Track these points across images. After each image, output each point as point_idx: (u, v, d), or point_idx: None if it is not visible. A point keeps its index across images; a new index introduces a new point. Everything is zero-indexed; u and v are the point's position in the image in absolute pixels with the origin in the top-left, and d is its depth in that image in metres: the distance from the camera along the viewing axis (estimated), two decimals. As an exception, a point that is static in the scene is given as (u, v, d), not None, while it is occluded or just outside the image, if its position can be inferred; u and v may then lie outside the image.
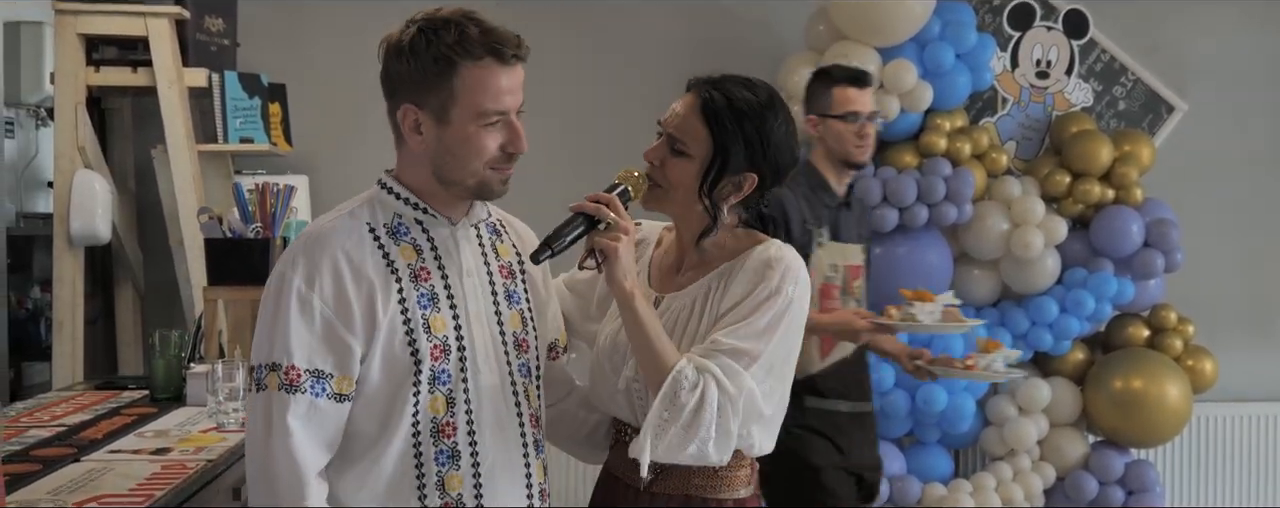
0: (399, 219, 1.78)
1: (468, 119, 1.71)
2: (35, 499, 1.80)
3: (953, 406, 3.96)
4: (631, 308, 1.81)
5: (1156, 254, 4.09)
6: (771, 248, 1.90)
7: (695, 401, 1.76)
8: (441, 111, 1.71)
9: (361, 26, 4.65)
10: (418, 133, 1.74)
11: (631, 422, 1.93)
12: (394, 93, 1.75)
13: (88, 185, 3.72)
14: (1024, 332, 4.07)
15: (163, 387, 2.76)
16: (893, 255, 4.00)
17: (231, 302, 2.80)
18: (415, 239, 1.78)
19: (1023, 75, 4.38)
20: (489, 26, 1.72)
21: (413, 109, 1.73)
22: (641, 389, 1.89)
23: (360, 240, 1.74)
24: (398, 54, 1.72)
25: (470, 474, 1.77)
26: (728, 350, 1.81)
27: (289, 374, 1.68)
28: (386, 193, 1.80)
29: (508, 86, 1.73)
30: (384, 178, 1.82)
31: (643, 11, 4.52)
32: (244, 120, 3.94)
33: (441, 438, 1.75)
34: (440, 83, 1.70)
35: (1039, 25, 4.35)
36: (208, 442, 2.28)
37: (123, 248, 4.17)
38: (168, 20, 3.78)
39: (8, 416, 2.51)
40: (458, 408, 1.76)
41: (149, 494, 1.85)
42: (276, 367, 1.68)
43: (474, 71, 1.69)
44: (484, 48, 1.70)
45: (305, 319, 1.69)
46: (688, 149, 1.88)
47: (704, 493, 1.90)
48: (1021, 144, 4.41)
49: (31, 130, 5.12)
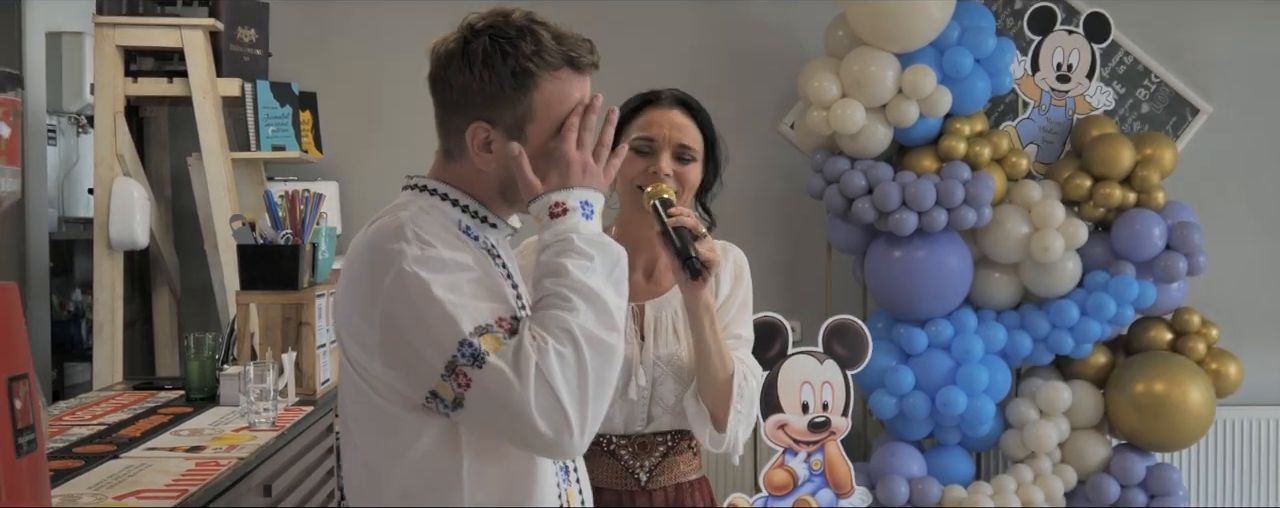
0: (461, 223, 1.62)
1: (545, 136, 1.57)
2: (77, 494, 1.89)
3: (972, 408, 3.99)
4: (712, 315, 1.96)
5: (1179, 257, 4.11)
6: (732, 247, 2.15)
7: (751, 391, 2.00)
8: (516, 128, 1.56)
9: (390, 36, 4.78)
10: (487, 151, 1.57)
11: (619, 431, 2.06)
12: (459, 108, 1.58)
13: (126, 192, 3.83)
14: (1044, 335, 4.10)
15: (197, 387, 2.85)
16: (912, 259, 4.04)
17: (263, 305, 2.88)
18: (485, 244, 1.64)
19: (1043, 79, 4.41)
20: (561, 31, 1.59)
21: (484, 126, 1.56)
22: (649, 396, 2.04)
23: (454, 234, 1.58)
24: (466, 65, 1.55)
25: (577, 489, 1.71)
26: (745, 341, 2.06)
27: (501, 325, 1.47)
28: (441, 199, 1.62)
29: (582, 97, 1.60)
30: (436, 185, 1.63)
31: (661, 19, 4.57)
32: (276, 128, 4.04)
33: None
34: (518, 98, 1.55)
35: (1060, 29, 4.37)
36: (239, 440, 2.36)
37: (160, 253, 4.28)
38: (202, 32, 3.88)
39: (52, 415, 2.61)
40: None
41: (183, 490, 1.93)
42: (485, 328, 1.45)
43: (552, 84, 1.56)
44: (561, 57, 1.56)
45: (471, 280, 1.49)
46: (694, 154, 2.06)
47: (688, 477, 2.13)
48: (1042, 147, 4.43)
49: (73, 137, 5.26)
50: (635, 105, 2.11)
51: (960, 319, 4.11)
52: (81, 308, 5.07)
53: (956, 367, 4.04)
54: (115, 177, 3.85)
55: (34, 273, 4.30)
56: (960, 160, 4.06)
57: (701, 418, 2.01)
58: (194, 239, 4.23)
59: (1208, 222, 4.26)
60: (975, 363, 4.02)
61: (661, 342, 2.06)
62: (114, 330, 3.86)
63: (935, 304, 4.10)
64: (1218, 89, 4.59)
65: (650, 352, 2.05)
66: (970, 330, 4.08)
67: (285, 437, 2.48)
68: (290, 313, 2.92)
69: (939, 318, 4.12)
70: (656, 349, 2.05)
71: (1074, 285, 4.12)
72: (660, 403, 2.05)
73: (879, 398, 4.08)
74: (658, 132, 2.04)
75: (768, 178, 4.58)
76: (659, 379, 2.04)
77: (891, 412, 4.07)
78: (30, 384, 1.40)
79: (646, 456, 2.07)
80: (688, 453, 2.12)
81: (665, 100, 2.10)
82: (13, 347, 1.38)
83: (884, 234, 4.12)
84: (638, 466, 2.07)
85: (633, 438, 2.06)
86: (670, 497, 2.09)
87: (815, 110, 4.06)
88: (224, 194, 3.86)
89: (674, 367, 2.05)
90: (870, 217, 4.02)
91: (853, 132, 4.00)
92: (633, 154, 2.04)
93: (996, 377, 4.05)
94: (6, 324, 1.37)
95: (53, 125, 5.00)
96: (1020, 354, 4.11)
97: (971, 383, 3.98)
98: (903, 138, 4.14)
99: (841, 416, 3.87)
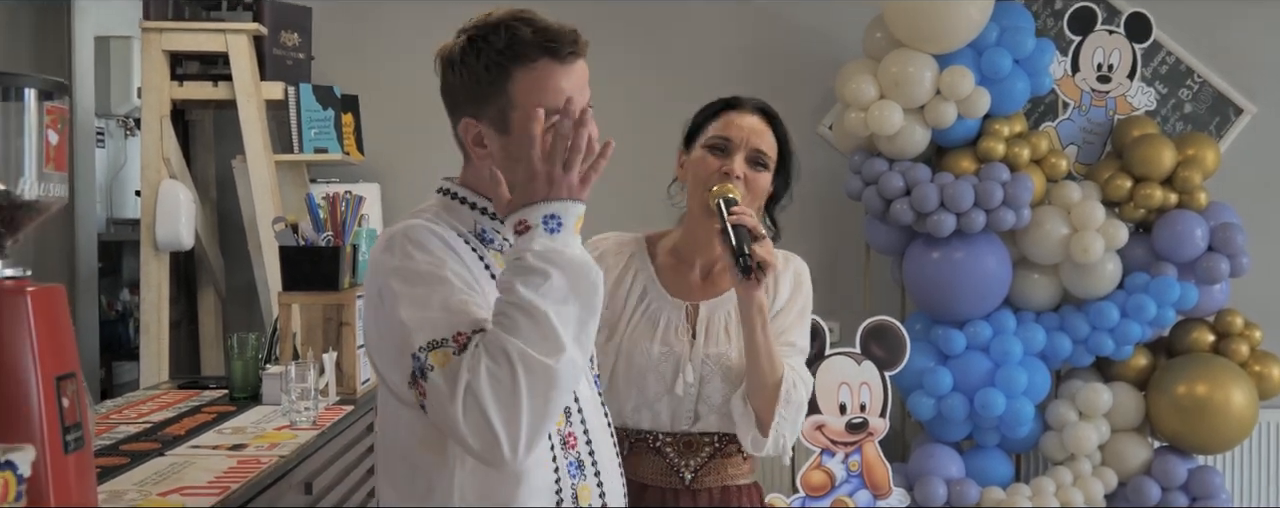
0: (479, 226, 1.68)
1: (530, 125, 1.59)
2: (123, 491, 1.94)
3: (1011, 410, 3.97)
4: (764, 317, 1.98)
5: (1221, 258, 4.07)
6: (794, 257, 2.17)
7: (799, 397, 2.02)
8: (500, 121, 1.62)
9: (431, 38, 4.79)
10: (481, 146, 1.64)
11: (665, 428, 2.09)
12: (451, 107, 1.67)
13: (172, 194, 3.90)
14: (1084, 337, 4.07)
15: (240, 386, 2.90)
16: (950, 260, 4.03)
17: (304, 306, 2.93)
18: (502, 247, 1.68)
19: (1084, 79, 4.38)
20: (542, 24, 1.62)
21: (472, 122, 1.63)
22: (696, 394, 2.06)
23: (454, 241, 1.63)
24: (450, 66, 1.65)
25: (594, 484, 1.73)
26: (799, 350, 2.09)
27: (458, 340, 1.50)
28: (458, 202, 1.69)
29: (570, 85, 1.61)
30: (452, 187, 1.71)
31: (700, 20, 4.59)
32: (318, 131, 4.09)
33: (568, 449, 1.69)
34: (495, 91, 1.61)
35: (1100, 29, 4.34)
36: (281, 439, 2.40)
37: (205, 254, 4.35)
38: (246, 36, 3.94)
39: (99, 413, 2.67)
40: (573, 419, 1.70)
41: (225, 487, 1.97)
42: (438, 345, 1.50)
43: (529, 75, 1.60)
44: (538, 48, 1.60)
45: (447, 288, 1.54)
46: (768, 161, 2.09)
47: (737, 480, 2.13)
48: (1083, 148, 4.40)
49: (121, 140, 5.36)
50: (716, 109, 2.14)
51: (999, 320, 4.10)
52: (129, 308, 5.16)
53: (995, 368, 4.02)
54: (161, 179, 3.92)
55: (82, 273, 4.38)
56: (999, 161, 4.04)
57: (747, 420, 2.03)
58: (239, 240, 4.29)
59: (1251, 223, 4.22)
60: (1014, 364, 4.00)
61: (712, 341, 2.09)
62: (160, 330, 3.93)
63: (974, 305, 4.08)
64: (1262, 89, 4.55)
65: (700, 350, 2.08)
66: (1009, 332, 4.06)
67: (325, 435, 2.52)
68: (331, 313, 2.96)
69: (978, 319, 4.10)
70: (706, 348, 2.08)
71: (1114, 287, 4.10)
72: (706, 402, 2.07)
73: (917, 399, 4.07)
74: (736, 133, 2.07)
75: (806, 179, 4.48)
76: (706, 378, 2.07)
77: (930, 413, 4.06)
78: (77, 383, 1.45)
79: (692, 455, 2.09)
80: (737, 457, 2.12)
81: (746, 105, 2.13)
82: (60, 347, 1.42)
83: (922, 235, 4.11)
84: (682, 464, 2.09)
85: (678, 436, 2.09)
86: (715, 499, 2.10)
87: (853, 112, 4.06)
88: (267, 196, 3.92)
89: (722, 367, 2.07)
90: (908, 218, 4.02)
91: (890, 133, 4.00)
92: (707, 154, 2.08)
93: (1035, 378, 4.03)
94: (54, 325, 1.41)
95: (101, 128, 5.09)
96: (1060, 356, 4.09)
97: (1010, 385, 3.97)
98: (941, 139, 4.13)
99: (879, 417, 3.87)
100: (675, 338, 2.08)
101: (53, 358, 1.39)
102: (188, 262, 4.47)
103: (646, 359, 2.07)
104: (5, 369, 1.35)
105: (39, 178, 1.42)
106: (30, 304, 1.37)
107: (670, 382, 2.05)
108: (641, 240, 2.21)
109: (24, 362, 1.36)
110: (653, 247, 2.20)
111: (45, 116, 1.42)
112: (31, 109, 1.41)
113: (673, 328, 2.09)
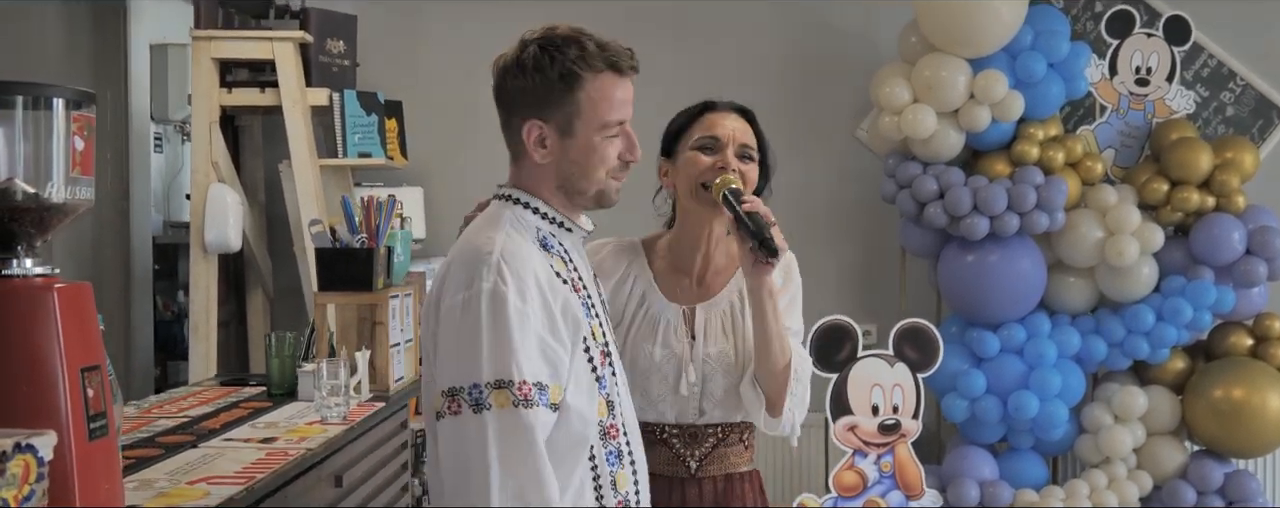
0: (541, 232, 1.84)
1: (592, 130, 1.81)
2: (153, 479, 2.03)
3: (1044, 412, 3.98)
4: (775, 300, 2.07)
5: (1259, 262, 4.05)
6: None
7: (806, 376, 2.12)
8: (566, 124, 1.80)
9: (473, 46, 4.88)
10: (542, 146, 1.81)
11: (671, 422, 2.18)
12: (515, 109, 1.82)
13: (220, 198, 4.02)
14: (1120, 340, 4.06)
15: (278, 383, 2.99)
16: (984, 263, 4.04)
17: (340, 306, 3.02)
18: (559, 252, 1.86)
19: (1122, 82, 4.36)
20: (604, 41, 1.82)
21: (538, 124, 1.80)
22: (700, 391, 2.14)
23: (538, 254, 1.79)
24: (520, 71, 1.80)
25: (631, 473, 1.89)
26: (795, 332, 2.16)
27: (521, 390, 1.67)
28: (522, 207, 1.85)
29: (624, 98, 1.83)
30: (514, 193, 1.87)
31: (739, 24, 4.63)
32: (362, 136, 4.20)
33: (609, 439, 1.83)
34: (565, 97, 1.79)
35: (1139, 32, 4.33)
36: (310, 433, 2.49)
37: (254, 255, 4.47)
38: (292, 44, 4.06)
39: (142, 408, 2.78)
40: (616, 411, 1.86)
41: (251, 477, 2.06)
42: (505, 384, 1.67)
43: (596, 84, 1.79)
44: (604, 61, 1.80)
45: (525, 333, 1.70)
46: (753, 154, 2.18)
47: (739, 468, 2.22)
48: (1121, 152, 4.39)
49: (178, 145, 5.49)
50: (695, 112, 2.23)
51: (1034, 323, 4.10)
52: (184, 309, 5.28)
53: (1029, 371, 4.03)
54: (210, 183, 4.05)
55: (137, 275, 4.52)
56: (1033, 165, 4.05)
57: (757, 403, 2.12)
58: (287, 242, 4.41)
59: (1292, 227, 4.17)
60: (1048, 367, 4.01)
61: (711, 341, 2.18)
62: (208, 330, 4.05)
63: (1008, 308, 4.09)
64: (1305, 92, 4.50)
65: (700, 350, 2.16)
66: (1043, 335, 4.07)
67: (355, 431, 2.61)
68: (365, 313, 3.05)
69: (1012, 322, 4.11)
70: (706, 348, 2.16)
71: (1150, 290, 4.09)
72: (710, 397, 2.17)
73: (951, 401, 4.09)
74: (722, 131, 2.16)
75: (844, 182, 4.62)
76: (708, 375, 2.15)
77: (963, 415, 4.08)
78: (102, 375, 1.54)
79: (697, 445, 2.19)
80: (738, 445, 2.22)
81: (723, 106, 2.22)
82: (86, 340, 1.51)
83: (956, 238, 4.13)
84: (688, 454, 2.19)
85: (684, 428, 2.18)
86: (719, 486, 2.20)
87: (887, 115, 4.09)
88: (311, 199, 4.03)
89: (723, 363, 2.16)
90: (942, 221, 4.04)
91: (924, 136, 4.03)
92: (697, 155, 2.16)
93: (1070, 381, 4.03)
94: (80, 320, 1.50)
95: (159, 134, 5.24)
96: (1095, 359, 4.08)
97: (1044, 387, 3.98)
98: (976, 142, 4.14)
99: (912, 418, 3.89)
100: (675, 340, 2.17)
101: (78, 350, 1.48)
102: (237, 263, 4.59)
103: (650, 362, 2.16)
104: (33, 361, 1.44)
105: (66, 182, 1.51)
106: (57, 300, 1.46)
107: (674, 382, 2.15)
108: (638, 245, 2.29)
109: (51, 354, 1.45)
110: (650, 250, 2.28)
111: (72, 124, 1.51)
112: (60, 117, 1.50)
113: (672, 330, 2.18)
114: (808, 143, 4.58)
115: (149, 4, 4.64)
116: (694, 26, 4.62)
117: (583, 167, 1.83)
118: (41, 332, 1.45)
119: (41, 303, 1.45)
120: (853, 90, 4.53)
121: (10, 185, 1.46)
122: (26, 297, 1.45)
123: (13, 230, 1.47)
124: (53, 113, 1.49)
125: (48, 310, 1.45)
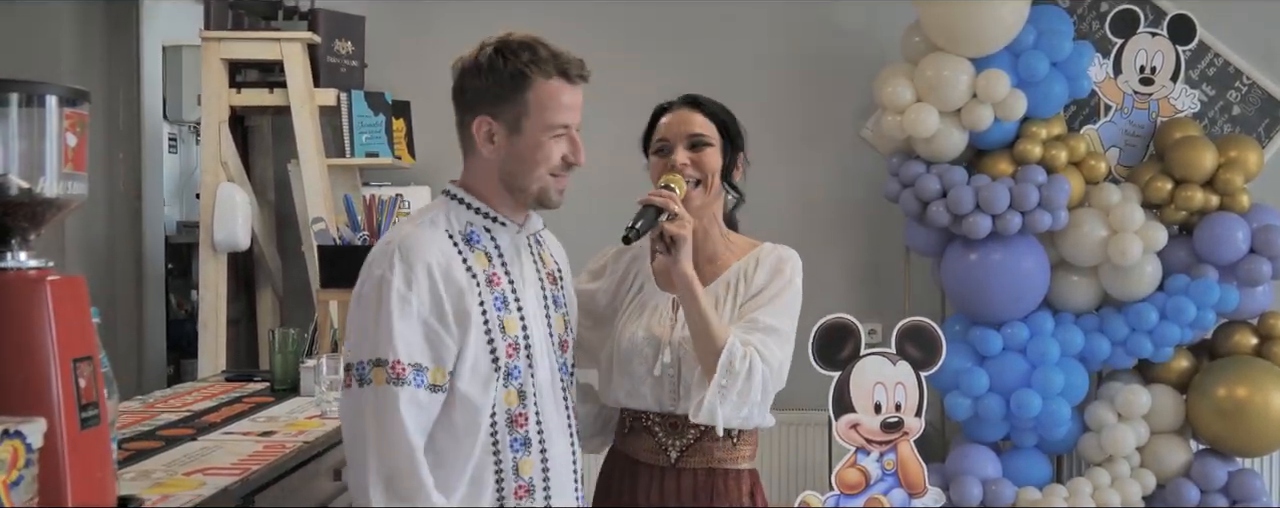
0: (471, 227, 1.98)
1: (539, 130, 1.94)
2: (151, 470, 2.07)
3: (1047, 411, 3.98)
4: (691, 290, 2.10)
5: (1263, 261, 4.04)
6: (780, 248, 2.27)
7: (746, 369, 2.07)
8: (515, 123, 1.93)
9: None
10: (490, 142, 1.96)
11: (653, 409, 2.21)
12: (469, 106, 1.98)
13: (229, 197, 4.07)
14: (1123, 338, 4.06)
15: (281, 379, 3.04)
16: (987, 262, 4.05)
17: (342, 302, 3.06)
18: (485, 246, 1.98)
19: (1126, 82, 4.37)
20: (557, 49, 1.96)
21: (487, 120, 1.95)
22: (675, 375, 2.17)
23: (444, 247, 1.93)
24: (475, 71, 1.96)
25: (539, 459, 1.99)
26: (764, 327, 2.15)
27: (395, 368, 1.83)
28: (457, 202, 2.01)
29: (573, 103, 1.96)
30: (453, 189, 2.04)
31: (743, 25, 4.65)
32: (370, 136, 4.24)
33: (515, 428, 1.96)
34: (515, 96, 1.92)
35: (1143, 31, 4.33)
36: (309, 426, 2.53)
37: (263, 254, 4.52)
38: (300, 45, 4.11)
39: (146, 402, 2.82)
40: (527, 401, 1.98)
41: (247, 469, 2.10)
42: (381, 362, 1.83)
43: (546, 88, 1.93)
44: (554, 67, 1.93)
45: (405, 318, 1.85)
46: (707, 139, 2.23)
47: (724, 464, 2.22)
48: (1125, 151, 4.39)
49: (191, 145, 5.56)
50: (653, 117, 2.32)
51: (1037, 322, 4.11)
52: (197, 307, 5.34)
53: (1032, 369, 4.04)
54: (220, 182, 4.10)
55: (149, 273, 4.58)
56: (1036, 164, 4.06)
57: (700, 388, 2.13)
58: (295, 241, 4.45)
59: (1298, 225, 4.16)
60: (1051, 366, 4.01)
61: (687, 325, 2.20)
62: (217, 327, 4.10)
63: (1011, 307, 4.10)
64: (1312, 91, 4.49)
65: (677, 333, 2.20)
66: (1046, 333, 4.08)
67: (354, 425, 2.64)
68: (368, 310, 3.08)
69: (1015, 321, 4.12)
70: (684, 331, 2.19)
71: (1154, 289, 4.08)
72: (686, 384, 2.19)
73: (954, 399, 4.10)
74: (669, 131, 2.25)
75: (849, 181, 4.63)
76: (683, 360, 2.19)
77: (966, 413, 4.09)
78: (95, 366, 1.58)
79: (679, 436, 2.22)
80: (726, 441, 2.22)
81: (674, 105, 2.30)
82: (78, 332, 1.55)
83: (959, 237, 4.14)
84: (669, 444, 2.22)
85: (665, 416, 2.22)
86: (700, 480, 2.22)
87: (890, 115, 4.10)
88: (319, 198, 4.07)
89: None
90: (944, 220, 4.05)
91: (927, 136, 4.04)
92: (655, 158, 2.27)
93: (1073, 380, 4.04)
94: (73, 312, 1.54)
95: (173, 134, 5.30)
96: (1098, 357, 4.09)
97: (1047, 386, 3.98)
98: (979, 141, 4.15)
99: (915, 416, 3.90)
100: (658, 324, 2.22)
101: (71, 341, 1.52)
102: (247, 262, 4.64)
103: (632, 343, 2.22)
104: (26, 351, 1.48)
105: (59, 177, 1.55)
106: (50, 292, 1.50)
107: (651, 364, 2.19)
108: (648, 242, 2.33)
109: (44, 344, 1.49)
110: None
111: (65, 121, 1.55)
112: (53, 114, 1.54)
113: (657, 315, 2.24)
114: (812, 142, 4.60)
115: (162, 5, 4.70)
116: (697, 27, 4.64)
117: (527, 163, 1.95)
118: (35, 322, 1.48)
119: (35, 294, 1.49)
120: (856, 90, 4.55)
121: (4, 181, 1.50)
122: (20, 288, 1.49)
123: (7, 225, 1.51)
124: (46, 110, 1.53)
125: (41, 302, 1.49)
